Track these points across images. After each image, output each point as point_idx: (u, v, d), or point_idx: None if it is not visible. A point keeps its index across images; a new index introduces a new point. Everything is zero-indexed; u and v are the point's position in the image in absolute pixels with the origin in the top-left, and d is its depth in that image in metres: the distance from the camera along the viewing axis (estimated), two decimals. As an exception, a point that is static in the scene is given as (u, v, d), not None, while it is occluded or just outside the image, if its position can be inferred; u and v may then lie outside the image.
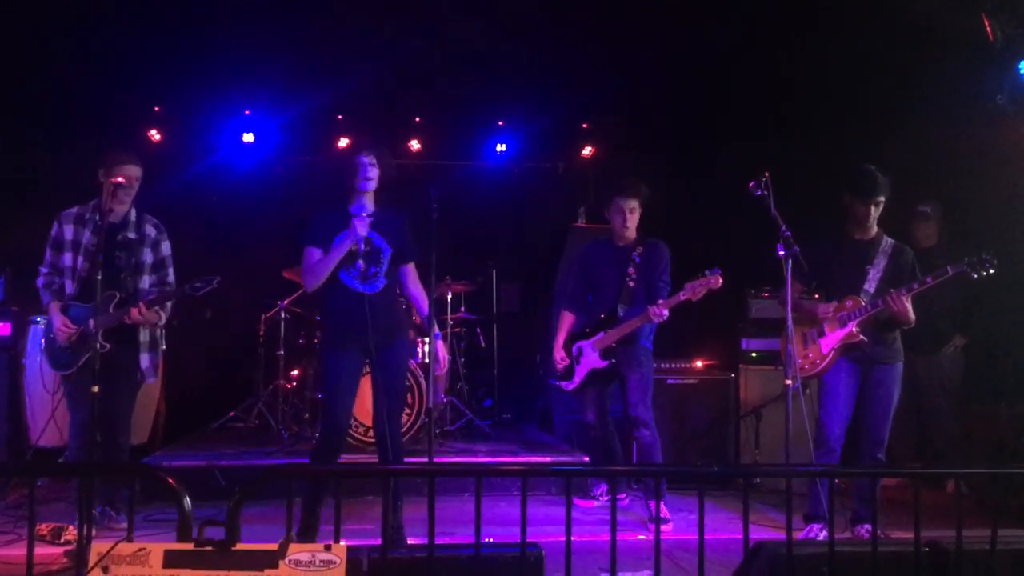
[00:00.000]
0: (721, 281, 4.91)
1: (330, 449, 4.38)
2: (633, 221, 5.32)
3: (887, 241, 4.85)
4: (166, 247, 4.91)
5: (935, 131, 5.92)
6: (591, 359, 5.34)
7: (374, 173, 4.33)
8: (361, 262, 4.30)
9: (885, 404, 4.75)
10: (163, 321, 4.81)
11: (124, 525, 4.75)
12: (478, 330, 7.86)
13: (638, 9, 6.37)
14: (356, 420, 5.92)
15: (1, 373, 5.58)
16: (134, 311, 4.58)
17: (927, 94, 5.93)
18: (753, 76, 6.83)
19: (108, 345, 4.48)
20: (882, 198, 4.74)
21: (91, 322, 4.51)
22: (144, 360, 4.83)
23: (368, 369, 4.53)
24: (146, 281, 4.80)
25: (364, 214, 4.28)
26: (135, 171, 4.66)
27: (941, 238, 5.97)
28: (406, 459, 4.71)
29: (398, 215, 4.50)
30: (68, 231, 4.70)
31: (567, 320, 5.58)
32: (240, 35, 6.59)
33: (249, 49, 6.76)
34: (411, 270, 4.56)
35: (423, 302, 4.56)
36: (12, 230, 6.12)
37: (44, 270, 4.76)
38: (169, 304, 4.81)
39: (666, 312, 5.01)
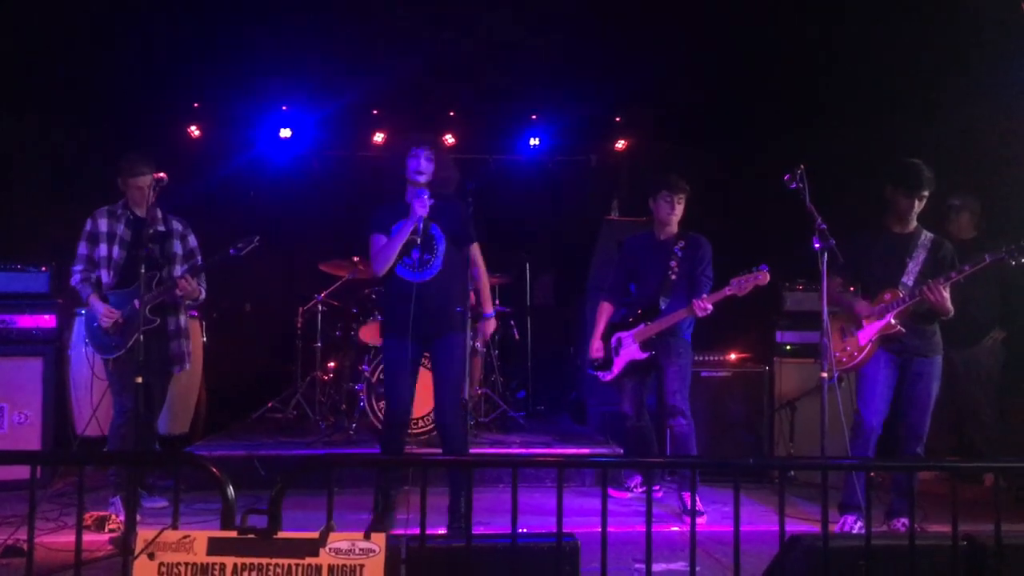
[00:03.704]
0: (768, 278, 4.88)
1: (392, 438, 4.52)
2: (679, 214, 5.33)
3: (926, 235, 4.80)
4: (193, 240, 5.24)
5: (973, 121, 5.83)
6: (631, 350, 5.34)
7: (428, 168, 4.38)
8: (417, 251, 4.37)
9: (924, 398, 4.71)
10: (203, 295, 5.09)
11: (157, 505, 4.97)
12: (512, 322, 7.87)
13: (671, 1, 6.34)
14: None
15: (47, 365, 5.70)
16: (182, 282, 4.86)
17: (965, 83, 5.84)
18: (788, 67, 6.77)
19: (157, 319, 4.85)
20: (927, 192, 4.70)
21: (135, 302, 4.72)
22: (183, 346, 5.13)
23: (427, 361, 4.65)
24: (178, 270, 5.07)
25: (425, 196, 4.31)
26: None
27: (980, 230, 5.88)
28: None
29: (455, 202, 4.56)
30: (103, 224, 5.00)
31: (606, 311, 5.58)
32: (277, 32, 6.68)
33: (285, 46, 6.85)
34: (473, 251, 4.59)
35: (481, 281, 4.67)
36: (55, 224, 6.25)
37: (78, 267, 4.97)
38: (204, 278, 5.07)
39: (710, 307, 4.99)
